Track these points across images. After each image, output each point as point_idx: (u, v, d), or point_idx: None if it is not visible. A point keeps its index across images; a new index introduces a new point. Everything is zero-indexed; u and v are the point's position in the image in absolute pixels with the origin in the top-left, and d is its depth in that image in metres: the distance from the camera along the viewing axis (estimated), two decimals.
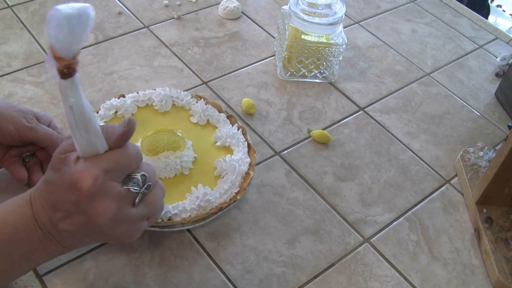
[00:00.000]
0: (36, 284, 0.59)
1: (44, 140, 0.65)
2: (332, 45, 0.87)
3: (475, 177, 0.78)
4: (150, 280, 0.61)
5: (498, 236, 0.71)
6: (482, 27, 1.14)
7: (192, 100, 0.79)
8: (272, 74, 0.92)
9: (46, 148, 0.67)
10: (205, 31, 0.98)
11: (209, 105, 0.79)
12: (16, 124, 0.63)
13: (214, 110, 0.78)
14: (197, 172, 0.71)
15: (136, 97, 0.78)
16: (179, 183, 0.69)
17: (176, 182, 0.69)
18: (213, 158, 0.72)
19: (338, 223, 0.71)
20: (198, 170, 0.71)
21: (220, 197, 0.67)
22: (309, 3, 0.85)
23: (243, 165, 0.71)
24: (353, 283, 0.65)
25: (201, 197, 0.65)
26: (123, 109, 0.76)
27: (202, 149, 0.73)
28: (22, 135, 0.64)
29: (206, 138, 0.75)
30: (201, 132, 0.76)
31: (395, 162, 0.81)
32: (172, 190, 0.67)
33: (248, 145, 0.74)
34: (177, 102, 0.79)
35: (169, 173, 0.69)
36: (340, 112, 0.87)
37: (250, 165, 0.72)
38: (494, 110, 0.94)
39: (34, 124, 0.64)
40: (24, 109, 0.65)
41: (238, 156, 0.72)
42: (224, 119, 0.77)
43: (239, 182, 0.69)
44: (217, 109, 0.79)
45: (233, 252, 0.66)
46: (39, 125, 0.65)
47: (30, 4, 0.98)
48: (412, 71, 0.99)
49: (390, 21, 1.10)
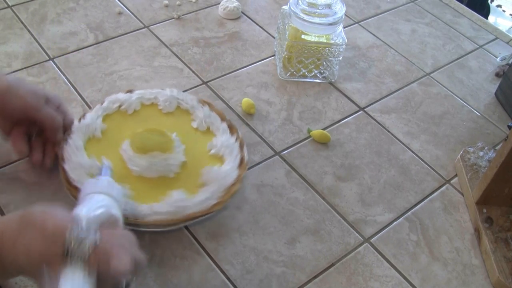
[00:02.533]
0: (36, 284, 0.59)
1: (45, 121, 0.67)
2: (332, 45, 0.87)
3: (475, 177, 0.78)
4: (150, 280, 0.61)
5: (498, 236, 0.71)
6: (482, 27, 1.14)
7: (198, 104, 0.78)
8: (272, 74, 0.92)
9: (46, 130, 0.68)
10: (205, 31, 0.98)
11: (213, 113, 0.77)
12: (23, 101, 0.65)
13: (217, 118, 0.77)
14: (183, 177, 0.69)
15: (143, 94, 0.78)
16: (160, 185, 0.68)
17: (158, 183, 0.68)
18: (202, 166, 0.70)
19: (338, 223, 0.71)
20: (184, 175, 0.69)
21: (194, 206, 0.65)
22: (309, 3, 0.85)
23: (229, 178, 0.69)
24: (353, 283, 0.65)
25: (174, 202, 0.64)
26: (126, 104, 0.76)
27: (194, 155, 0.72)
28: (26, 112, 0.65)
29: (202, 145, 0.74)
30: (199, 138, 0.75)
31: (395, 162, 0.81)
32: (152, 190, 0.67)
33: (241, 159, 0.72)
34: (182, 105, 0.78)
35: (152, 173, 0.68)
36: (340, 112, 0.87)
37: (237, 179, 0.69)
38: (494, 110, 0.94)
39: (40, 104, 0.66)
40: (35, 89, 0.67)
41: (227, 168, 0.70)
42: (225, 128, 0.76)
43: (220, 194, 0.67)
44: (220, 117, 0.77)
45: (233, 252, 0.66)
46: (45, 107, 0.66)
47: (30, 4, 0.98)
48: (412, 71, 0.99)
49: (390, 21, 1.10)
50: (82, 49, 0.90)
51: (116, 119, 0.75)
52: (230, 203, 0.70)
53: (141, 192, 0.66)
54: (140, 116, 0.76)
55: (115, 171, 0.65)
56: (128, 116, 0.76)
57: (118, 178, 0.63)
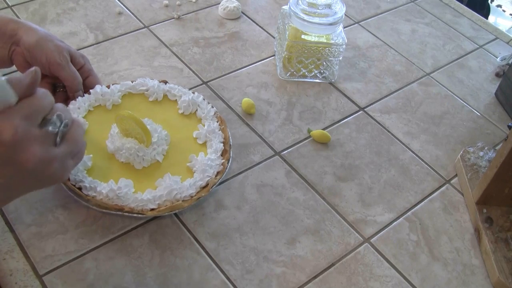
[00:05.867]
0: (36, 284, 0.59)
1: (66, 79, 0.72)
2: (332, 45, 0.87)
3: (475, 177, 0.78)
4: (150, 280, 0.61)
5: (498, 236, 0.71)
6: (482, 27, 1.14)
7: (186, 90, 0.80)
8: (272, 74, 0.92)
9: (66, 88, 0.73)
10: (205, 31, 0.98)
11: (200, 98, 0.79)
12: (49, 57, 0.69)
13: (205, 103, 0.78)
14: (168, 165, 0.71)
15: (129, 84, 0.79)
16: (121, 171, 0.69)
17: (123, 169, 0.69)
18: (188, 153, 0.72)
19: (338, 223, 0.71)
20: (169, 163, 0.71)
21: (183, 191, 0.66)
22: (309, 3, 0.85)
23: (214, 164, 0.70)
24: (353, 283, 0.65)
25: (163, 189, 0.66)
26: (108, 97, 0.76)
27: (176, 141, 0.74)
28: (51, 68, 0.70)
29: (187, 131, 0.76)
30: (185, 124, 0.76)
31: (395, 162, 0.81)
32: (138, 180, 0.68)
33: (223, 143, 0.74)
34: (170, 94, 0.79)
35: (120, 157, 0.69)
36: (340, 112, 0.87)
37: (223, 164, 0.71)
38: (494, 110, 0.94)
39: (63, 63, 0.70)
40: (62, 45, 0.71)
41: (212, 156, 0.71)
42: (211, 115, 0.77)
43: (205, 180, 0.68)
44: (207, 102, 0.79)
45: (233, 252, 0.66)
46: (69, 65, 0.71)
47: (30, 4, 0.98)
48: (412, 71, 0.99)
49: (390, 21, 1.10)
50: (82, 49, 0.90)
51: (99, 113, 0.76)
52: (230, 203, 0.71)
53: None
54: (126, 105, 0.77)
55: (101, 164, 0.69)
56: (113, 108, 0.77)
57: (104, 170, 0.67)
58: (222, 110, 0.83)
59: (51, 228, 0.64)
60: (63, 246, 0.63)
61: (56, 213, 0.66)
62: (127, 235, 0.65)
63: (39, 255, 0.62)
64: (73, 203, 0.67)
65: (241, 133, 0.80)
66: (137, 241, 0.65)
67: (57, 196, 0.67)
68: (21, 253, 0.61)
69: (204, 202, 0.70)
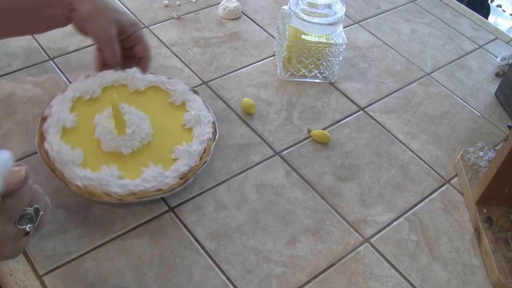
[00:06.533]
0: (36, 284, 0.59)
1: (108, 56, 0.76)
2: (332, 45, 0.87)
3: (475, 177, 0.78)
4: (150, 280, 0.61)
5: (498, 236, 0.71)
6: (482, 27, 1.14)
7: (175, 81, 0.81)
8: (272, 74, 0.92)
9: (107, 60, 0.77)
10: (205, 31, 0.98)
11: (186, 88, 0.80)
12: (96, 33, 0.75)
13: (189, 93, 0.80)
14: (154, 153, 0.72)
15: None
16: (132, 161, 0.70)
17: (130, 159, 0.70)
18: (173, 143, 0.72)
19: (338, 223, 0.71)
20: (155, 151, 0.72)
21: (170, 178, 0.68)
22: (309, 3, 0.85)
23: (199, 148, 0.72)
24: (353, 283, 0.65)
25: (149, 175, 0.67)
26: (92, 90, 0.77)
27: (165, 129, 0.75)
28: (97, 42, 0.77)
29: (160, 101, 0.78)
30: (174, 112, 0.77)
31: (395, 162, 0.81)
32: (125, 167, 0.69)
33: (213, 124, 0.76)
34: (155, 83, 0.80)
35: (103, 145, 0.70)
36: (340, 112, 0.87)
37: (207, 148, 0.73)
38: (494, 110, 0.94)
39: (109, 40, 0.75)
40: (110, 20, 0.75)
41: (196, 145, 0.73)
42: (200, 102, 0.78)
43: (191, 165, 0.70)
44: (193, 91, 0.80)
45: (233, 252, 0.66)
46: (112, 43, 0.75)
47: None
48: (412, 71, 0.99)
49: (390, 21, 1.11)
50: (82, 49, 0.90)
51: (81, 106, 0.76)
52: (230, 203, 0.71)
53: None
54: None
55: (90, 156, 0.70)
56: (97, 99, 0.77)
57: (93, 160, 0.69)
58: (222, 110, 0.83)
59: (51, 228, 0.64)
60: (63, 246, 0.63)
61: (56, 213, 0.66)
62: (127, 235, 0.65)
63: (39, 255, 0.62)
64: (73, 203, 0.67)
65: (241, 133, 0.80)
66: (137, 241, 0.65)
67: (57, 196, 0.67)
68: (21, 253, 0.61)
69: (204, 201, 0.70)
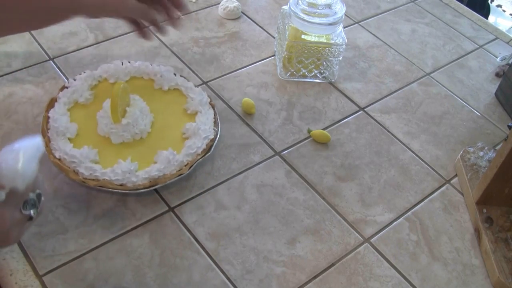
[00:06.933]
0: (36, 284, 0.59)
1: (135, 14, 0.69)
2: (332, 45, 0.87)
3: (475, 177, 0.78)
4: (150, 280, 0.61)
5: (498, 236, 0.71)
6: (482, 27, 1.14)
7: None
8: (272, 74, 0.92)
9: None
10: (205, 31, 0.98)
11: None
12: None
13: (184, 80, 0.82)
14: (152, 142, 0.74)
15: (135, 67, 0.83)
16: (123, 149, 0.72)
17: (121, 148, 0.72)
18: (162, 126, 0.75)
19: (338, 223, 0.71)
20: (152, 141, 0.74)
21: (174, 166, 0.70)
22: (309, 3, 0.85)
23: (207, 131, 0.74)
24: (353, 283, 0.65)
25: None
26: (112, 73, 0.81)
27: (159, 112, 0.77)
28: (117, 12, 0.67)
29: (175, 105, 0.80)
30: (181, 119, 0.78)
31: (395, 162, 0.81)
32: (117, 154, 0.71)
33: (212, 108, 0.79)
34: (179, 86, 0.82)
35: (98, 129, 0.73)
36: (340, 112, 0.87)
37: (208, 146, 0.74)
38: (494, 110, 0.94)
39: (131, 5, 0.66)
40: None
41: (203, 122, 0.75)
42: (192, 86, 0.81)
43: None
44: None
45: (233, 252, 0.66)
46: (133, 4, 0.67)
47: None
48: (412, 71, 0.99)
49: (390, 21, 1.11)
50: (82, 49, 0.90)
51: (104, 87, 0.80)
52: (230, 203, 0.71)
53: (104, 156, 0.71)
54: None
55: (84, 134, 0.72)
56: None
57: (83, 139, 0.71)
58: (222, 110, 0.83)
59: (51, 228, 0.64)
60: (63, 246, 0.63)
61: (56, 213, 0.66)
62: (127, 235, 0.65)
63: (39, 255, 0.62)
64: (73, 203, 0.67)
65: (241, 133, 0.80)
66: (137, 241, 0.65)
67: (57, 196, 0.67)
68: (21, 253, 0.61)
69: (204, 201, 0.70)
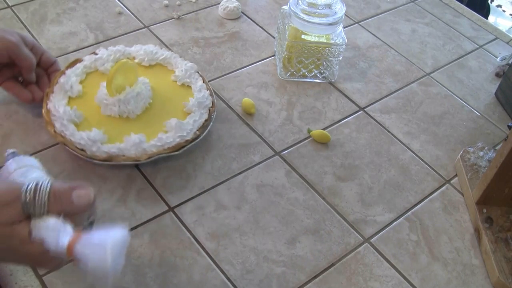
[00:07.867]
0: (36, 284, 0.59)
1: (24, 61, 0.72)
2: (332, 45, 0.87)
3: (475, 177, 0.78)
4: (150, 280, 0.61)
5: (498, 236, 0.71)
6: (482, 27, 1.14)
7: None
8: (272, 74, 0.92)
9: (22, 69, 0.73)
10: (205, 31, 0.98)
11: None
12: (4, 41, 0.69)
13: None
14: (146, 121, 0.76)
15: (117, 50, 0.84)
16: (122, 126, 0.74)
17: (120, 124, 0.75)
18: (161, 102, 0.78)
19: (338, 223, 0.71)
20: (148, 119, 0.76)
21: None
22: (309, 3, 0.85)
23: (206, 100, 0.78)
24: (353, 283, 0.65)
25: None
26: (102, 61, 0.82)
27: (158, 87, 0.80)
28: (9, 52, 0.70)
29: (165, 78, 0.82)
30: (160, 73, 0.82)
31: (395, 162, 0.81)
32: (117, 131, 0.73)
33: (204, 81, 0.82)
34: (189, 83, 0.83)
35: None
36: (340, 112, 0.87)
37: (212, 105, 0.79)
38: (494, 110, 0.94)
39: (20, 43, 0.71)
40: (10, 30, 0.72)
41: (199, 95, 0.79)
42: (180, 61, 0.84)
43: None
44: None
45: (233, 252, 0.66)
46: (23, 46, 0.71)
47: (30, 4, 0.98)
48: (412, 71, 0.99)
49: (390, 21, 1.11)
50: (82, 49, 0.90)
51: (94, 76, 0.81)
52: (230, 203, 0.71)
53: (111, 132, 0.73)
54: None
55: (91, 118, 0.74)
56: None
57: (94, 123, 0.73)
58: (222, 110, 0.83)
59: None
60: None
61: None
62: None
63: None
64: None
65: (241, 133, 0.80)
66: (137, 241, 0.65)
67: None
68: None
69: (204, 201, 0.70)
